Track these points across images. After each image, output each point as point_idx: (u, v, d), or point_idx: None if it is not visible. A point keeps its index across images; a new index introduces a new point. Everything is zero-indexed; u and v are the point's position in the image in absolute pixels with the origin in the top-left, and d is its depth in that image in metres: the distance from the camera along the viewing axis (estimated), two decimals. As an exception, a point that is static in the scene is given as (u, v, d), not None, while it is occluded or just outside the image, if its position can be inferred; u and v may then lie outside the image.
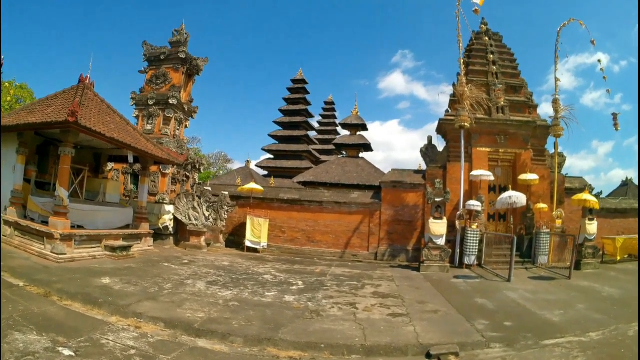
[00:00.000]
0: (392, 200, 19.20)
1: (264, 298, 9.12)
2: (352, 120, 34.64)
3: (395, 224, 19.03)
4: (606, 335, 7.34)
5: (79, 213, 12.95)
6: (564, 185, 18.55)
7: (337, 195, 20.52)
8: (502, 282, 12.76)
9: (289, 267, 14.45)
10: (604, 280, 13.08)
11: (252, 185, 19.91)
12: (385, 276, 13.68)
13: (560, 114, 17.83)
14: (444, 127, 19.23)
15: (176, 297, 8.44)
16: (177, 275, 10.92)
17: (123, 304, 7.50)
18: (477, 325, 7.70)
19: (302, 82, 46.04)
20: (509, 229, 18.02)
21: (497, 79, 19.49)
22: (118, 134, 13.03)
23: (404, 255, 18.51)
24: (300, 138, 42.15)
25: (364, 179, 29.18)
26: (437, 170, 18.89)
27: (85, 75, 14.14)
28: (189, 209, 17.95)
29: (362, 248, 19.27)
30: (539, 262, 15.97)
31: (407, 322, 7.81)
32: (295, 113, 44.07)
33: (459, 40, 18.04)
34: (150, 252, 14.78)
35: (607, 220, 18.70)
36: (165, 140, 18.03)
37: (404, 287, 11.69)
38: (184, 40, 19.56)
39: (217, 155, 62.12)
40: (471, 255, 15.85)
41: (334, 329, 7.13)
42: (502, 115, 18.76)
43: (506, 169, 19.12)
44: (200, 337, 6.41)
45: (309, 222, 20.02)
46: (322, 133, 50.59)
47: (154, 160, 15.65)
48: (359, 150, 34.14)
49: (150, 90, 19.16)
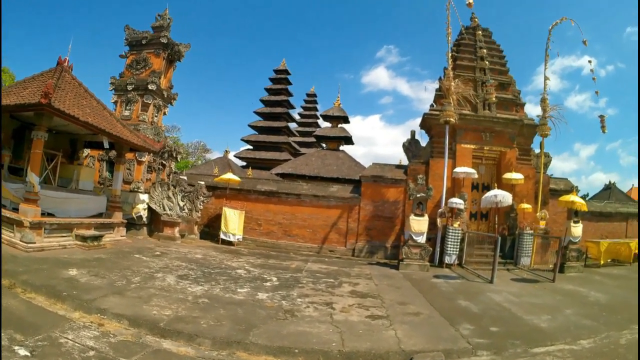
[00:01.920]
0: (372, 195, 18.64)
1: (235, 295, 8.61)
2: (334, 112, 34.10)
3: (375, 220, 18.50)
4: (598, 343, 6.93)
5: (50, 200, 12.41)
6: (549, 186, 18.25)
7: (315, 188, 19.93)
8: (485, 284, 12.31)
9: (264, 262, 13.91)
10: (589, 284, 12.75)
11: (229, 175, 19.20)
12: (363, 274, 13.13)
13: (548, 113, 17.47)
14: (428, 121, 18.68)
15: (144, 291, 7.94)
16: (147, 267, 10.39)
17: (87, 298, 7.02)
18: (462, 330, 7.18)
19: (285, 73, 45.35)
20: (490, 229, 17.69)
21: (485, 74, 19.04)
22: (93, 118, 12.46)
23: (383, 252, 18.01)
24: (280, 129, 41.47)
25: (344, 172, 28.80)
26: (420, 166, 18.37)
27: (64, 58, 13.54)
28: (163, 199, 17.28)
29: (339, 243, 18.72)
30: (521, 264, 15.69)
31: (387, 326, 7.24)
32: (277, 104, 43.37)
33: (448, 33, 17.44)
34: (123, 243, 14.23)
35: (591, 223, 18.55)
36: (143, 126, 17.34)
37: (383, 286, 11.15)
38: (167, 25, 18.94)
39: (196, 144, 61.62)
40: (452, 254, 15.48)
41: (309, 331, 6.60)
42: (488, 112, 18.33)
43: (490, 167, 18.73)
44: (166, 337, 5.92)
45: (286, 215, 19.37)
46: (303, 125, 50.05)
47: (130, 147, 15.06)
48: (339, 143, 33.69)
49: (130, 75, 18.49)
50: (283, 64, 45.68)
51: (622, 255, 17.47)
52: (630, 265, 17.07)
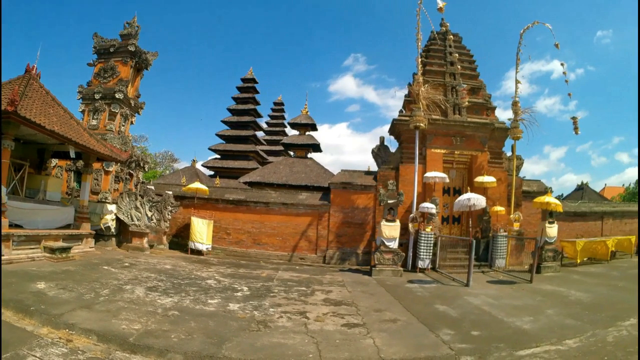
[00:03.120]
0: (342, 202, 18.29)
1: (206, 306, 8.14)
2: (302, 120, 33.72)
3: (345, 227, 18.13)
4: (584, 343, 6.63)
5: (18, 211, 12.06)
6: (521, 188, 18.26)
7: (284, 196, 19.43)
8: (461, 287, 11.98)
9: (234, 271, 13.39)
10: (568, 283, 12.57)
11: (196, 184, 18.67)
12: (335, 281, 12.65)
13: (519, 116, 17.49)
14: (397, 127, 18.48)
15: (112, 305, 7.51)
16: (116, 279, 9.91)
17: (56, 313, 6.58)
18: (443, 336, 6.76)
19: (252, 82, 44.73)
20: (463, 232, 17.55)
21: (455, 79, 19.02)
22: (60, 127, 12.08)
23: (354, 258, 17.64)
24: (248, 138, 40.79)
25: (313, 179, 28.41)
26: (389, 172, 18.14)
27: (32, 66, 13.20)
28: (131, 209, 16.73)
29: (310, 251, 18.22)
30: (496, 266, 15.53)
31: (364, 334, 6.76)
32: (244, 112, 42.67)
33: (418, 38, 17.30)
34: (91, 254, 13.74)
35: (566, 223, 18.62)
36: (110, 136, 16.86)
37: (357, 293, 10.68)
38: (135, 32, 18.62)
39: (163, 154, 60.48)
40: (425, 258, 15.17)
41: (284, 343, 6.15)
42: (458, 116, 18.26)
43: (461, 171, 18.62)
44: (136, 353, 5.52)
45: (255, 223, 18.80)
46: (271, 134, 49.48)
47: (97, 156, 14.69)
48: (307, 151, 33.30)
49: (97, 84, 18.05)
50: (250, 73, 45.07)
51: (599, 253, 17.54)
52: (608, 263, 17.16)
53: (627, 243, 19.05)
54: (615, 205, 23.98)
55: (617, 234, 20.09)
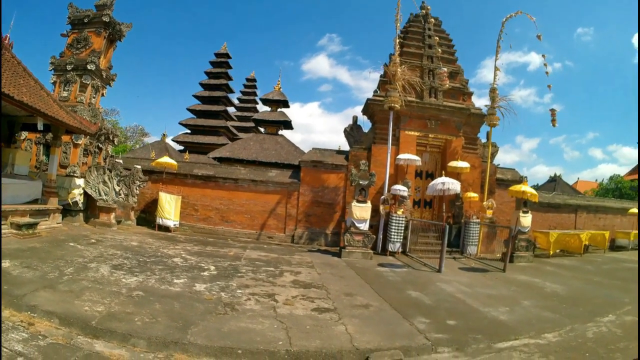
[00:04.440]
0: (312, 181, 17.82)
1: (172, 286, 7.71)
2: (274, 96, 32.95)
3: (315, 206, 17.71)
4: (564, 337, 6.40)
5: None
6: (495, 176, 18.17)
7: (253, 173, 18.79)
8: (433, 273, 11.73)
9: (201, 249, 12.83)
10: (542, 274, 12.48)
11: (165, 159, 17.79)
12: (304, 262, 12.22)
13: (497, 103, 17.26)
14: (371, 107, 18.01)
15: (76, 284, 7.06)
16: (81, 257, 9.37)
17: (18, 293, 6.18)
18: (418, 325, 6.41)
19: (226, 57, 43.59)
20: (434, 217, 17.38)
21: (432, 62, 18.62)
22: (29, 97, 11.46)
23: (323, 239, 17.27)
24: (219, 113, 39.77)
25: (283, 157, 27.93)
26: (362, 152, 17.73)
27: (5, 35, 12.54)
28: (99, 183, 15.96)
29: (278, 230, 17.75)
30: (467, 252, 15.44)
31: (336, 320, 6.34)
32: (216, 87, 41.55)
33: (397, 19, 16.71)
34: (58, 230, 13.09)
35: (539, 214, 18.70)
36: (80, 108, 16.01)
37: (327, 275, 10.27)
38: (110, 3, 17.65)
39: (134, 128, 58.93)
40: (396, 242, 14.91)
41: (252, 328, 5.75)
42: (434, 99, 17.91)
43: (435, 155, 18.38)
44: (98, 337, 5.16)
45: (224, 200, 18.18)
46: (242, 110, 48.52)
47: (66, 128, 13.85)
48: (278, 127, 32.70)
49: (70, 55, 17.10)
50: (224, 48, 43.86)
51: (572, 246, 17.70)
52: (581, 257, 17.31)
53: (600, 238, 19.36)
54: (590, 200, 24.40)
55: (590, 228, 20.43)
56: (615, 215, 22.66)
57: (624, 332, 6.73)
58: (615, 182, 38.68)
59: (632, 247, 20.90)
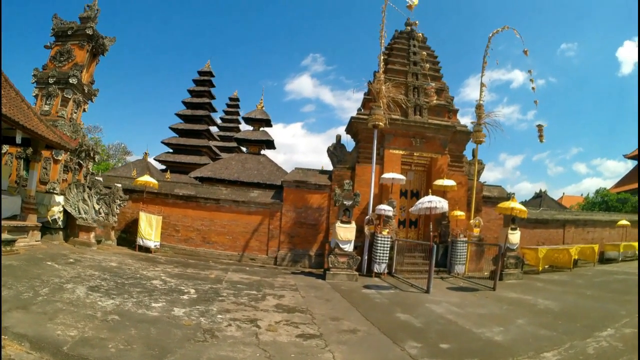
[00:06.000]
0: (295, 201, 17.44)
1: (149, 311, 7.37)
2: (257, 115, 32.76)
3: (298, 227, 17.29)
4: (564, 355, 6.08)
5: None
6: (482, 193, 18.00)
7: (235, 193, 18.36)
8: (421, 294, 11.34)
9: (182, 271, 12.39)
10: (533, 291, 12.20)
11: (146, 178, 17.38)
12: (287, 284, 11.76)
13: (483, 120, 17.16)
14: (355, 126, 17.80)
15: (50, 306, 6.80)
16: (58, 277, 9.10)
17: None
18: (409, 350, 6.01)
19: (209, 75, 43.58)
20: (420, 236, 17.09)
21: (417, 79, 18.54)
22: (9, 109, 11.17)
23: (307, 260, 16.81)
24: (201, 132, 39.49)
25: (265, 177, 27.63)
26: (345, 171, 17.43)
27: None
28: (78, 201, 15.49)
29: (261, 251, 17.23)
30: (455, 272, 15.14)
31: (322, 347, 5.92)
32: (199, 106, 41.32)
33: (382, 35, 16.71)
34: (37, 248, 12.74)
35: (527, 230, 18.50)
36: (61, 122, 15.64)
37: (311, 299, 9.83)
38: (94, 15, 17.45)
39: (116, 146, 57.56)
40: (382, 263, 14.54)
41: (233, 357, 5.38)
42: (419, 117, 17.78)
43: (420, 174, 18.16)
44: None
45: (205, 221, 17.68)
46: (225, 130, 48.29)
47: (45, 143, 13.49)
48: (261, 147, 32.43)
49: (52, 68, 16.81)
50: (207, 66, 43.89)
51: (561, 261, 17.51)
52: (571, 271, 17.10)
53: (589, 251, 19.22)
54: (577, 214, 24.36)
55: (579, 242, 20.31)
56: (604, 228, 22.61)
57: (625, 346, 6.47)
58: (601, 195, 38.76)
59: (621, 258, 20.84)
